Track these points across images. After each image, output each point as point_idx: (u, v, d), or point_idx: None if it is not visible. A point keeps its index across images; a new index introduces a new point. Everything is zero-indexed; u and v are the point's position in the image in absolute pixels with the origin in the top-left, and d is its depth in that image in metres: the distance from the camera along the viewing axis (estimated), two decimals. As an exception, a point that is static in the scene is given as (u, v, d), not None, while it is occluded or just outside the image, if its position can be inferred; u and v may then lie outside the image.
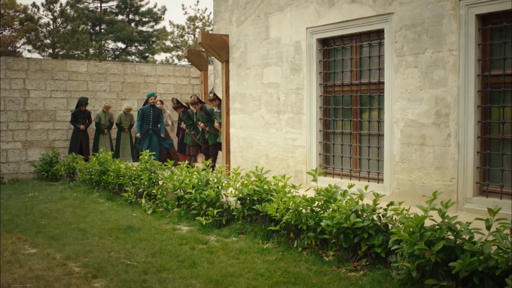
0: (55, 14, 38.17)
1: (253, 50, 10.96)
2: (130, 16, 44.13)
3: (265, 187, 7.29)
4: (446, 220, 4.78)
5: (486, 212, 4.61)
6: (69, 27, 37.62)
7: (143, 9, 43.90)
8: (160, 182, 9.90)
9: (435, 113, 7.59)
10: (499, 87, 7.10)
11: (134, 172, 10.44)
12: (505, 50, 7.05)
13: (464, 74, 7.25)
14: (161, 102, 15.70)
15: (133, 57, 43.82)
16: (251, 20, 11.02)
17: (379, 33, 8.52)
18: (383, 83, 8.39)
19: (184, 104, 14.00)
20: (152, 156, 10.55)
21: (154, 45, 44.10)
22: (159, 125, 14.80)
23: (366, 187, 6.28)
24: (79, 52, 37.53)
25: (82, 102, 15.24)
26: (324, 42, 9.56)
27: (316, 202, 6.44)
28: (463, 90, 7.27)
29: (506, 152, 7.10)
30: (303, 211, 6.36)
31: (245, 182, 7.55)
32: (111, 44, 43.72)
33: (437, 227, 4.79)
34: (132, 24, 43.80)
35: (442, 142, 7.52)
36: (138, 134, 14.46)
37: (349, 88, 9.13)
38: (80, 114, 15.25)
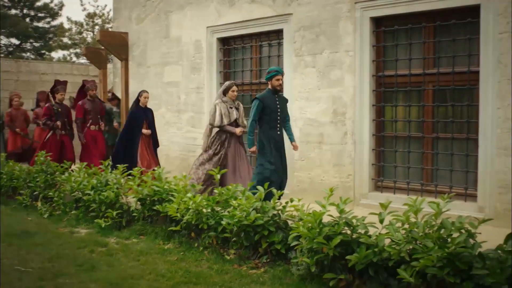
0: None
1: (153, 49, 10.81)
2: (25, 11, 42.25)
3: (166, 187, 7.20)
4: (343, 215, 4.92)
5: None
6: (-44, 21, 35.55)
7: (38, 3, 42.13)
8: (58, 184, 9.55)
9: (333, 112, 7.81)
10: (392, 86, 7.41)
11: (29, 174, 10.00)
12: (397, 52, 7.37)
13: (359, 74, 7.51)
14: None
15: (28, 54, 42.00)
16: (151, 18, 10.87)
17: (279, 33, 8.66)
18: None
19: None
20: (49, 158, 10.10)
21: (50, 42, 42.48)
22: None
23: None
24: (-32, 48, 35.54)
25: None
26: (224, 41, 9.59)
27: (217, 201, 6.44)
28: (358, 90, 7.53)
29: (398, 149, 7.42)
30: (204, 210, 6.34)
31: (145, 182, 7.43)
32: (3, 40, 41.70)
33: (335, 222, 4.91)
34: (27, 19, 41.98)
35: (339, 140, 7.75)
36: (252, 149, 7.44)
37: (249, 87, 9.21)
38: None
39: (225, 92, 8.18)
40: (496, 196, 6.41)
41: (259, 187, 6.04)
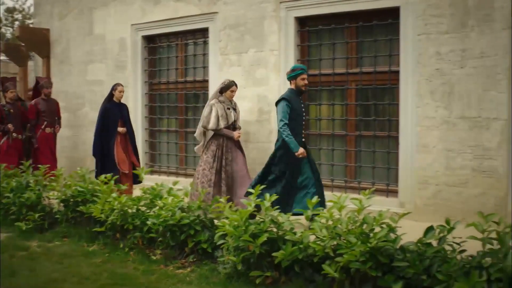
0: None
1: (76, 46, 10.55)
2: None
3: (90, 187, 7.05)
4: (269, 213, 4.96)
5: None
6: None
7: (-48, -3, 40.35)
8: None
9: (258, 111, 7.86)
10: (316, 85, 7.54)
11: None
12: (321, 51, 7.50)
13: (284, 73, 7.57)
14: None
15: None
16: (74, 14, 10.60)
17: (204, 32, 8.63)
18: (208, 81, 8.52)
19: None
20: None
21: (-35, 38, 40.75)
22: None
23: (191, 184, 6.33)
24: None
25: None
26: (149, 40, 9.49)
27: (143, 201, 6.36)
28: (283, 88, 7.59)
29: (322, 147, 7.56)
30: (129, 211, 6.25)
31: (69, 183, 7.24)
32: None
33: (261, 220, 4.95)
34: None
35: (264, 138, 7.81)
36: (300, 151, 6.26)
37: (175, 86, 9.16)
38: None
39: (222, 91, 7.36)
40: (416, 191, 6.64)
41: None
